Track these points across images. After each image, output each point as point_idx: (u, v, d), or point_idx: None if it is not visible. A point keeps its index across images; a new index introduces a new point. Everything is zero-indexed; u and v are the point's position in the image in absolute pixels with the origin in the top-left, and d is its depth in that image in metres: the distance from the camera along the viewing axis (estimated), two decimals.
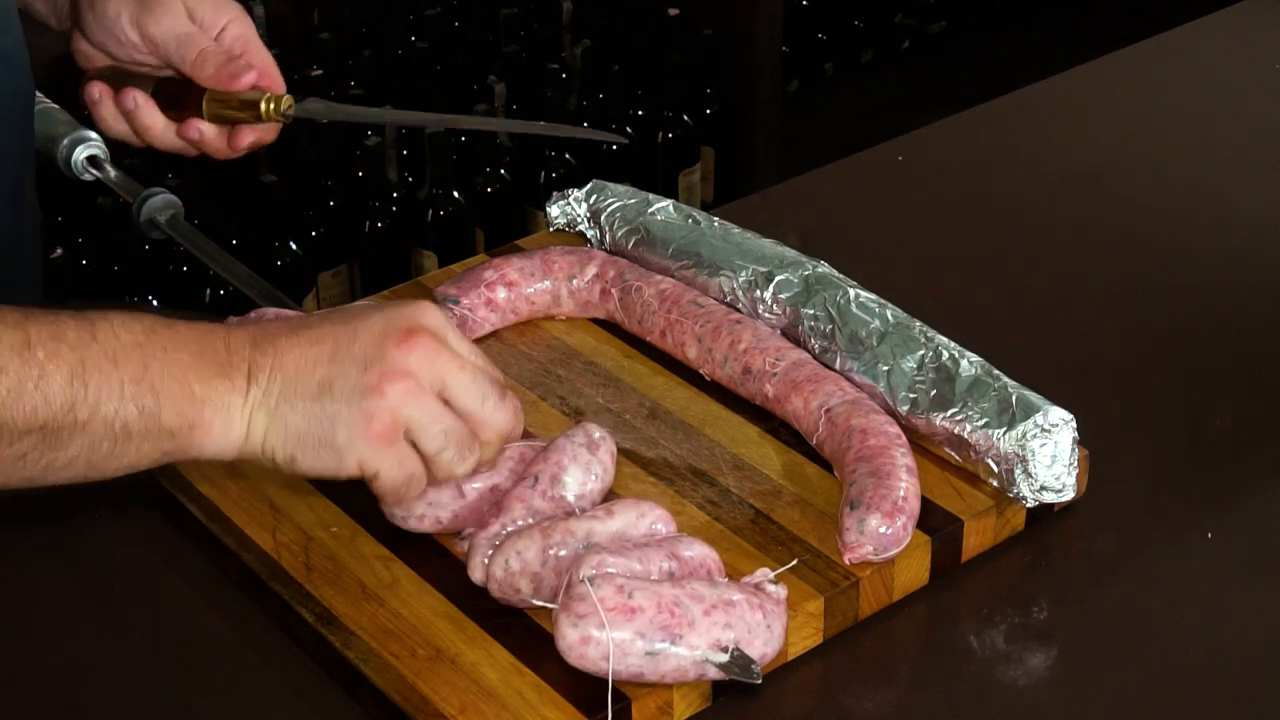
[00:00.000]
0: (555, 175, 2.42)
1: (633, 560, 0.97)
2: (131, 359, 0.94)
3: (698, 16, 2.60)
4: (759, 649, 0.96)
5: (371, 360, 0.96)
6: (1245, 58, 1.80)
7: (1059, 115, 1.69)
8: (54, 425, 0.92)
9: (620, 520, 1.01)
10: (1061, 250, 1.45)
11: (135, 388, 0.93)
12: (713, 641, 0.95)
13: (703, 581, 0.97)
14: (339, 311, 1.01)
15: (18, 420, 0.91)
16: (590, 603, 0.94)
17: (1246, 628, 1.07)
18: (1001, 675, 1.03)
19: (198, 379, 0.95)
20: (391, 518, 1.07)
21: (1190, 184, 1.56)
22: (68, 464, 0.94)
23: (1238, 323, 1.35)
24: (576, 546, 0.99)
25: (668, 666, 0.95)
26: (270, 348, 0.97)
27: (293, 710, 1.01)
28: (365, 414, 0.95)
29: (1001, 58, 3.33)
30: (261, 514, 1.09)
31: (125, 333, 0.94)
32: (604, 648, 0.93)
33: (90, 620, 1.07)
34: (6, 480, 0.94)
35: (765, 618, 0.97)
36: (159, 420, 0.94)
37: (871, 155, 1.62)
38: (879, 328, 1.18)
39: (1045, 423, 1.08)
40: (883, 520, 1.03)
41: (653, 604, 0.94)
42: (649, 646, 0.94)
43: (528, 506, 1.03)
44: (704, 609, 0.95)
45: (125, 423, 0.94)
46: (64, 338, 0.92)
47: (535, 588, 0.99)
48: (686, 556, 0.99)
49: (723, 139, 2.65)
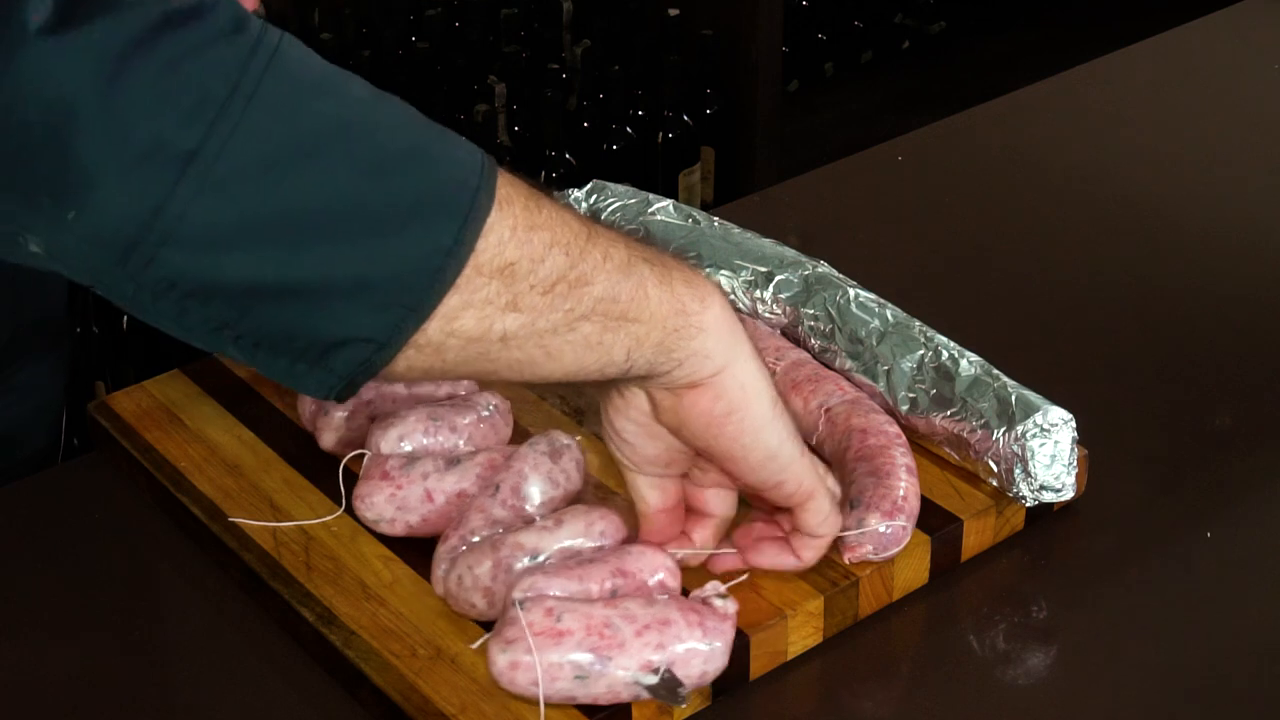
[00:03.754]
0: (555, 175, 2.42)
1: (573, 580, 0.95)
2: (613, 240, 0.92)
3: (698, 16, 2.60)
4: (698, 668, 0.94)
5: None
6: (1245, 58, 1.80)
7: (1059, 115, 1.69)
8: (577, 250, 0.89)
9: (568, 530, 1.00)
10: (1061, 250, 1.45)
11: (640, 249, 0.93)
12: (643, 663, 0.93)
13: (639, 600, 0.95)
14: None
15: (541, 234, 0.87)
16: (519, 627, 0.92)
17: (1246, 628, 1.07)
18: (1001, 675, 1.03)
19: (682, 278, 0.94)
20: (374, 524, 1.06)
21: (1190, 184, 1.57)
22: (589, 311, 0.89)
23: (1238, 322, 1.35)
24: (525, 560, 0.98)
25: (599, 689, 0.93)
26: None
27: (293, 710, 1.01)
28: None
29: (1001, 58, 3.33)
30: (262, 513, 1.09)
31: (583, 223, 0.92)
32: (532, 673, 0.92)
33: (89, 620, 1.07)
34: (534, 326, 0.88)
35: (705, 635, 0.94)
36: (672, 286, 0.92)
37: (871, 155, 1.62)
38: (879, 328, 1.18)
39: (1045, 422, 1.08)
40: (882, 520, 1.03)
41: (582, 626, 0.93)
42: (577, 671, 0.92)
43: (487, 516, 1.03)
44: (636, 629, 0.93)
45: (641, 278, 0.91)
46: (540, 200, 0.90)
47: (489, 602, 0.99)
48: (634, 570, 0.97)
49: (723, 139, 2.65)
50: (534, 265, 0.87)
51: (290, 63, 0.82)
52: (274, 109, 0.80)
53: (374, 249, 0.83)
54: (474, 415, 1.11)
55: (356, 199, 0.82)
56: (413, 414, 1.10)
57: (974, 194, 1.55)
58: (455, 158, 0.86)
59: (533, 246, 0.87)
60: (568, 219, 0.90)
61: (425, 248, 0.83)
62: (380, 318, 0.84)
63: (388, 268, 0.83)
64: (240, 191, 0.79)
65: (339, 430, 1.13)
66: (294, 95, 0.81)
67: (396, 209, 0.83)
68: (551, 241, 0.88)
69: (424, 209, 0.84)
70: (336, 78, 0.84)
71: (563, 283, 0.88)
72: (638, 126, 2.54)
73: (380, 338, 0.84)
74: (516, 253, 0.86)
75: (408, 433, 1.09)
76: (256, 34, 0.81)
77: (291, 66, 0.82)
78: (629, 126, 2.53)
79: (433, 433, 1.10)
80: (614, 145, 2.52)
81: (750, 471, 0.97)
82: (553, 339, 0.89)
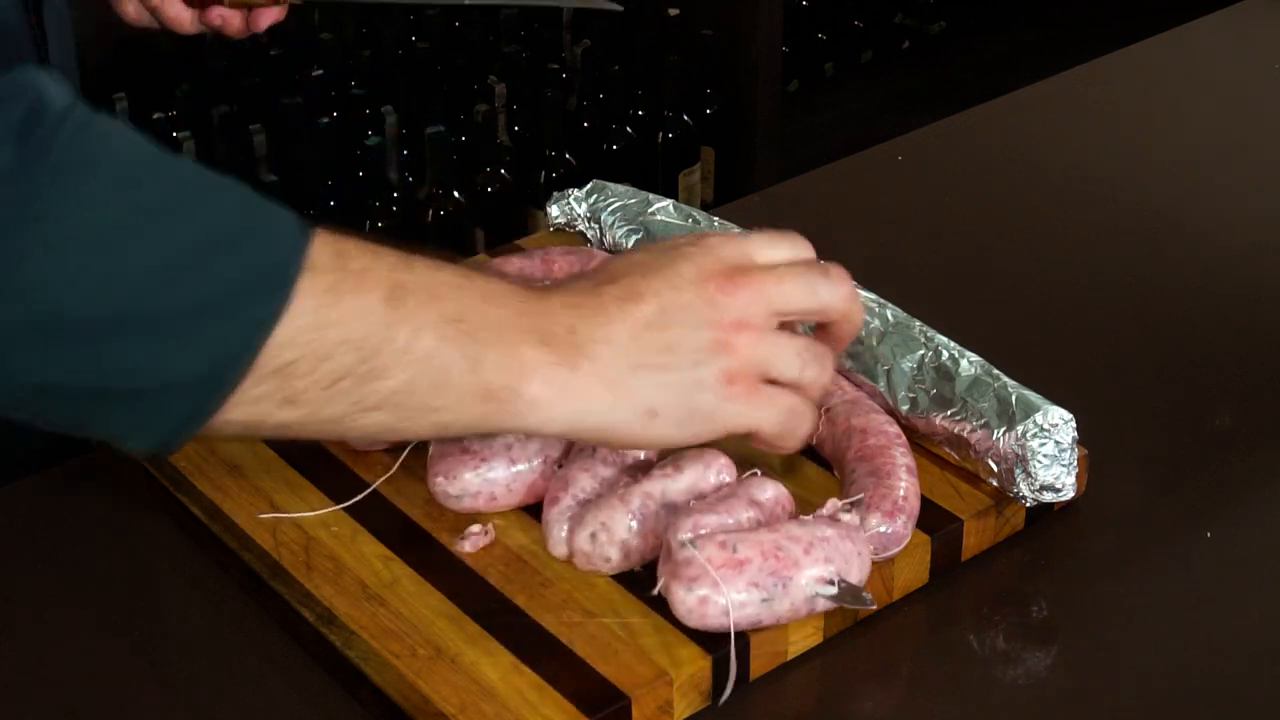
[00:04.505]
0: (555, 175, 2.42)
1: (721, 515, 1.00)
2: (451, 298, 0.89)
3: (698, 16, 2.60)
4: (855, 576, 1.00)
5: (704, 317, 0.93)
6: (1245, 58, 1.80)
7: (1059, 115, 1.69)
8: (372, 344, 0.86)
9: (689, 475, 1.04)
10: (1061, 250, 1.45)
11: (455, 328, 0.88)
12: (818, 577, 0.98)
13: (793, 522, 1.00)
14: (633, 264, 0.96)
15: (331, 332, 0.85)
16: (698, 565, 0.96)
17: (1246, 628, 1.07)
18: (1001, 675, 1.03)
19: (523, 342, 0.90)
20: (445, 499, 1.07)
21: (1190, 184, 1.57)
22: (380, 403, 0.88)
23: (1238, 322, 1.35)
24: (656, 508, 1.02)
25: (782, 609, 0.98)
26: (595, 316, 0.92)
27: (293, 710, 1.01)
28: (721, 375, 0.93)
29: (1001, 58, 3.33)
30: (262, 513, 1.09)
31: (440, 271, 0.89)
32: (722, 605, 0.96)
33: (89, 620, 1.07)
34: (316, 416, 0.87)
35: (855, 545, 1.00)
36: (480, 372, 0.88)
37: (871, 155, 1.62)
38: (879, 328, 1.18)
39: (1045, 422, 1.08)
40: (883, 520, 1.03)
41: (757, 553, 0.97)
42: (763, 594, 0.97)
43: (593, 475, 1.05)
44: (803, 548, 0.98)
45: (445, 366, 0.88)
46: (382, 256, 0.88)
47: (624, 555, 1.02)
48: (764, 500, 1.02)
49: (723, 139, 2.65)
50: (316, 364, 0.86)
51: (80, 168, 0.81)
52: (60, 217, 0.80)
53: (158, 356, 0.83)
54: None
55: (140, 306, 0.82)
56: None
57: (974, 194, 1.55)
58: (255, 260, 0.85)
59: (319, 345, 0.85)
60: (371, 306, 0.86)
61: (206, 358, 0.84)
62: (156, 422, 0.85)
63: (167, 377, 0.84)
64: (24, 298, 0.80)
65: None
66: (80, 201, 0.81)
67: (182, 316, 0.83)
68: (342, 338, 0.86)
69: (209, 317, 0.83)
70: (136, 172, 0.84)
71: (349, 378, 0.87)
72: (638, 126, 2.54)
73: (157, 440, 0.86)
74: (297, 353, 0.85)
75: None
76: (49, 133, 0.81)
77: (80, 176, 0.81)
78: (629, 126, 2.53)
79: None
80: (614, 145, 2.52)
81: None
82: (339, 425, 0.89)
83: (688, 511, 1.00)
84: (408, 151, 2.37)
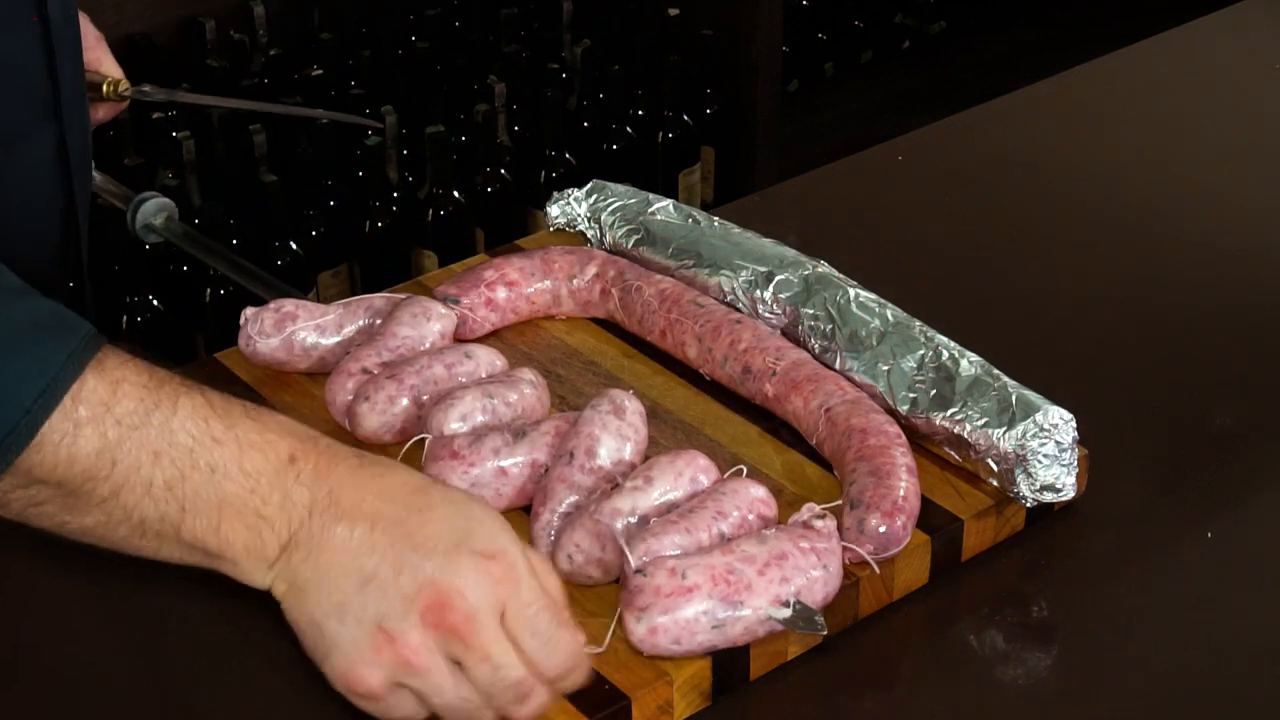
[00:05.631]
0: (555, 175, 2.41)
1: (681, 534, 0.99)
2: (173, 463, 0.91)
3: (698, 16, 2.60)
4: (819, 593, 0.99)
5: (389, 613, 0.90)
6: (1245, 58, 1.80)
7: (1059, 115, 1.70)
8: (70, 488, 0.90)
9: (660, 486, 1.03)
10: (1061, 250, 1.45)
11: (165, 493, 0.91)
12: (773, 598, 0.97)
13: (751, 539, 0.99)
14: (413, 513, 0.93)
15: (35, 466, 0.89)
16: (648, 593, 0.96)
17: (1246, 628, 1.07)
18: (1001, 675, 1.03)
19: (230, 519, 0.93)
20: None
21: (1190, 184, 1.57)
22: (83, 532, 0.92)
23: (1238, 322, 1.35)
24: (627, 520, 1.01)
25: (735, 632, 0.97)
26: (321, 531, 0.92)
27: (293, 710, 1.01)
28: (369, 651, 0.91)
29: (1001, 58, 3.33)
30: None
31: (182, 431, 0.91)
32: (671, 634, 0.96)
33: (88, 620, 1.07)
34: (26, 522, 0.93)
35: (820, 559, 0.99)
36: (178, 533, 0.92)
37: (871, 155, 1.62)
38: (879, 327, 1.18)
39: (1045, 422, 1.08)
40: (883, 520, 1.03)
41: (706, 578, 0.97)
42: (713, 620, 0.96)
43: (570, 485, 1.05)
44: (758, 569, 0.97)
45: (144, 519, 0.92)
46: (114, 407, 0.90)
47: (604, 571, 1.02)
48: (732, 510, 1.01)
49: (722, 139, 2.65)
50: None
51: None
52: None
53: None
54: (518, 391, 1.13)
55: None
56: (467, 393, 1.12)
57: (974, 194, 1.55)
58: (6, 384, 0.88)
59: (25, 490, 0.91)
60: (125, 442, 0.90)
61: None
62: None
63: None
64: None
65: (383, 415, 1.13)
66: None
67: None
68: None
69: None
70: None
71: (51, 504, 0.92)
72: (638, 126, 2.54)
73: None
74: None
75: (468, 412, 1.11)
76: None
77: None
78: (629, 126, 2.53)
79: (489, 410, 1.11)
80: (614, 145, 2.52)
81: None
82: (93, 535, 0.94)
83: (643, 535, 0.99)
84: (407, 151, 2.37)
